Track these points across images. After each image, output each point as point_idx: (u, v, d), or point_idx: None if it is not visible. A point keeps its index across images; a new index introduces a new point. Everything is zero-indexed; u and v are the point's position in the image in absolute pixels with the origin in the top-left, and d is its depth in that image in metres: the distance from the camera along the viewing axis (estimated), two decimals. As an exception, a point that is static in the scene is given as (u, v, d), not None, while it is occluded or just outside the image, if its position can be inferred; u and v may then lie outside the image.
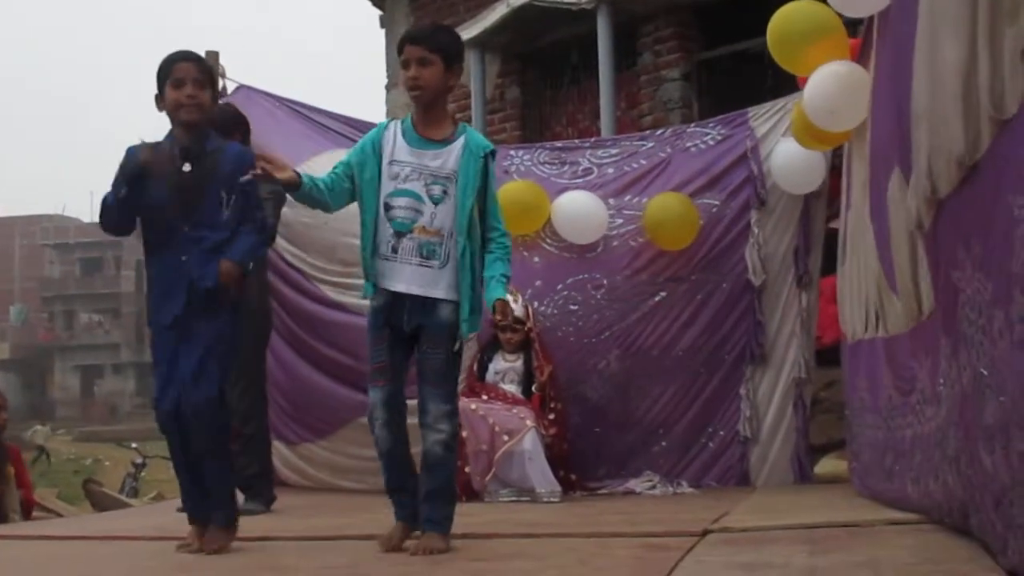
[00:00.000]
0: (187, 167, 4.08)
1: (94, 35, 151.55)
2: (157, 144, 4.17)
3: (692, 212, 6.60)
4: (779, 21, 5.03)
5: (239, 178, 4.08)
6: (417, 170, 3.99)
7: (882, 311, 3.74)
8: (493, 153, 4.10)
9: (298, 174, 3.94)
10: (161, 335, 4.10)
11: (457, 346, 4.00)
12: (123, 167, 4.03)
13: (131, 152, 4.10)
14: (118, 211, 4.07)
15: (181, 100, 4.07)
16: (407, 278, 3.96)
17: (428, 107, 4.05)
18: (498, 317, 4.13)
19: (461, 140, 4.04)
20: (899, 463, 3.55)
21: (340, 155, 6.47)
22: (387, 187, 4.00)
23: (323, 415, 6.93)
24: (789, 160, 6.42)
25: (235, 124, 5.80)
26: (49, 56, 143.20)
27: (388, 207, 3.99)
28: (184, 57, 4.18)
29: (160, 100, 4.16)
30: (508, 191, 6.54)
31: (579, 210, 6.79)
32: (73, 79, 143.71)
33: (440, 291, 3.96)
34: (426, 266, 3.96)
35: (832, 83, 4.54)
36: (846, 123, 4.53)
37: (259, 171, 3.88)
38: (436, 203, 3.97)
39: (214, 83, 4.25)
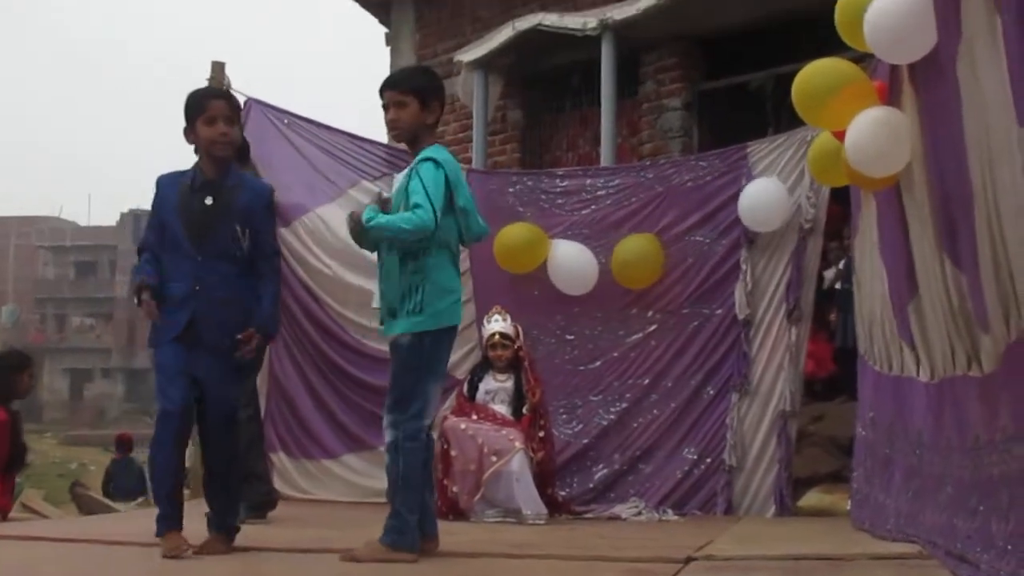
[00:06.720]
0: (209, 200, 4.25)
1: (94, 41, 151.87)
2: (183, 173, 4.36)
3: (656, 252, 6.84)
4: (802, 80, 5.07)
5: (254, 212, 4.32)
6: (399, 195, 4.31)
7: (971, 349, 3.76)
8: (420, 162, 4.23)
9: None
10: (166, 346, 4.22)
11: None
12: (135, 296, 4.21)
13: (160, 185, 4.33)
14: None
15: (215, 137, 4.26)
16: None
17: (412, 143, 4.36)
18: None
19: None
20: (984, 503, 3.57)
21: (367, 188, 6.78)
22: None
23: (340, 436, 7.16)
24: (755, 200, 6.61)
25: (242, 149, 6.03)
26: (51, 59, 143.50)
27: None
28: (216, 95, 4.47)
29: (189, 133, 4.33)
30: (510, 233, 6.98)
31: (571, 265, 7.01)
32: (74, 83, 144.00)
33: None
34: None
35: (879, 130, 4.54)
36: (893, 167, 4.53)
37: None
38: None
39: (240, 116, 4.40)
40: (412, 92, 4.30)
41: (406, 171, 4.32)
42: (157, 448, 4.21)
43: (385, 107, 4.34)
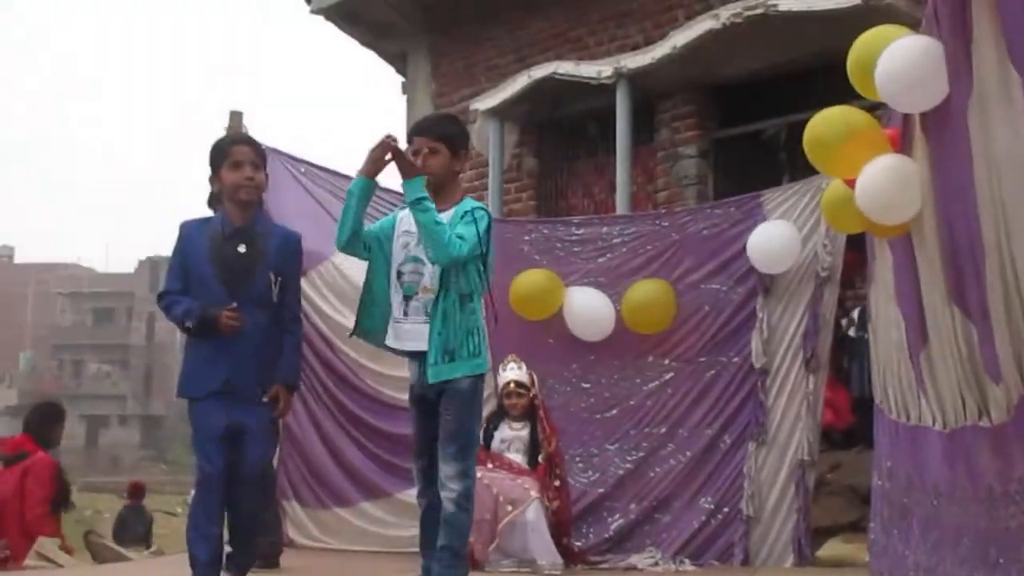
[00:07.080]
0: (242, 248, 4.24)
1: (116, 89, 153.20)
2: (208, 220, 4.38)
3: (668, 297, 6.81)
4: (813, 128, 5.07)
5: (285, 259, 4.33)
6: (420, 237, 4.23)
7: (980, 399, 3.73)
8: (476, 209, 4.26)
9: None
10: (204, 404, 4.19)
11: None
12: (200, 319, 4.14)
13: (186, 233, 4.30)
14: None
15: (240, 182, 4.26)
16: (420, 337, 4.16)
17: (438, 189, 4.28)
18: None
19: (455, 208, 4.26)
20: (1004, 555, 3.54)
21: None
22: (399, 256, 4.30)
23: (356, 484, 7.10)
24: (763, 242, 6.62)
25: None
26: (72, 108, 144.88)
27: (400, 274, 4.28)
28: (241, 140, 4.49)
29: (215, 179, 4.35)
30: (526, 279, 6.98)
31: (588, 310, 6.99)
32: (94, 131, 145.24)
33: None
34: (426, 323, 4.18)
35: (889, 177, 4.53)
36: (904, 215, 4.52)
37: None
38: (433, 263, 4.19)
39: (265, 163, 4.41)
40: (444, 140, 4.32)
41: (451, 212, 4.24)
42: (198, 511, 4.15)
43: (415, 152, 4.32)
